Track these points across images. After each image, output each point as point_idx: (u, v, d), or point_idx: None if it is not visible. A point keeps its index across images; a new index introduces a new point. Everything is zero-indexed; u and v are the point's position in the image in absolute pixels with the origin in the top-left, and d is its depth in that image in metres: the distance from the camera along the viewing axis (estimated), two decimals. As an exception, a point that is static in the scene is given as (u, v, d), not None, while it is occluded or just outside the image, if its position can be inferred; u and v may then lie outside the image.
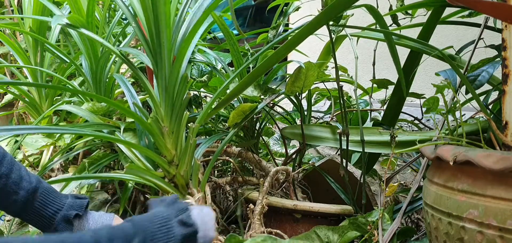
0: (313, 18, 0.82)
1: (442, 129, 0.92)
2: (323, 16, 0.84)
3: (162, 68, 0.90)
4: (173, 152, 0.93)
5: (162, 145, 0.92)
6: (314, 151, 1.65)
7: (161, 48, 0.89)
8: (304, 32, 0.83)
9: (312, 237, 0.91)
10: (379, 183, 1.13)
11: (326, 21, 0.96)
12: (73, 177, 1.06)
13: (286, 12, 1.20)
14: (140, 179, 0.94)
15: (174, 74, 0.92)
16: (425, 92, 1.29)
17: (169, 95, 0.92)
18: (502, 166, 0.57)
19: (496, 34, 0.91)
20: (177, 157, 0.94)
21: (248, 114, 1.10)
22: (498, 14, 0.69)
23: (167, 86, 0.91)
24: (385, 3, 1.24)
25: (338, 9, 0.86)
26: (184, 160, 0.93)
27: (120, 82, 1.09)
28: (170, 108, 0.93)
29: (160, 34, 0.88)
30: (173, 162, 0.93)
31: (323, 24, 0.96)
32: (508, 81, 0.70)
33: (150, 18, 0.86)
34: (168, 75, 0.91)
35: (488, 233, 0.58)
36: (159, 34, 0.88)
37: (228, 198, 1.41)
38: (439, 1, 0.96)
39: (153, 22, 0.87)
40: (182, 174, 0.93)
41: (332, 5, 0.80)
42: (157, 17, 0.86)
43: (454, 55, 1.09)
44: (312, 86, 1.10)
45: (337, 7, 0.82)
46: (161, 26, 0.87)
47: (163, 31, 0.88)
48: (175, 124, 0.93)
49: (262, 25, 3.57)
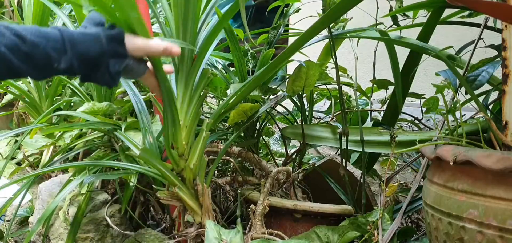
0: (315, 22, 0.83)
1: (442, 129, 0.92)
2: (325, 19, 0.84)
3: (183, 63, 0.92)
4: (185, 146, 0.94)
5: (176, 138, 0.93)
6: (314, 151, 1.65)
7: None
8: (306, 35, 0.84)
9: (312, 237, 0.91)
10: (379, 183, 1.13)
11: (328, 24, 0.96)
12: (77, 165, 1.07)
13: (286, 13, 1.20)
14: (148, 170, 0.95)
15: (195, 70, 0.94)
16: (425, 92, 1.29)
17: (188, 90, 0.94)
18: (502, 166, 0.57)
19: (496, 34, 0.91)
20: (187, 151, 0.95)
21: (250, 115, 1.11)
22: (498, 14, 0.70)
23: (187, 81, 0.93)
24: (385, 4, 1.24)
25: (339, 12, 0.87)
26: (195, 154, 0.95)
27: (122, 81, 1.09)
28: (188, 103, 0.94)
29: (186, 31, 0.90)
30: (183, 155, 0.94)
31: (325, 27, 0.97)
32: (508, 81, 0.70)
33: (180, 13, 0.88)
34: (188, 70, 0.94)
35: (488, 233, 0.58)
36: (186, 31, 0.90)
37: (228, 198, 1.41)
38: (439, 1, 0.96)
39: (182, 18, 0.89)
40: (192, 168, 0.95)
41: (334, 8, 0.81)
42: (187, 13, 0.88)
43: (454, 55, 1.09)
44: (314, 86, 1.10)
45: (338, 10, 0.83)
46: (189, 23, 0.89)
47: (189, 28, 0.90)
48: (190, 119, 0.95)
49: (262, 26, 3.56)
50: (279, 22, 1.18)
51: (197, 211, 0.96)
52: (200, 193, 0.96)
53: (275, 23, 1.19)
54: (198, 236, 0.97)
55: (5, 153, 1.69)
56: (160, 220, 1.30)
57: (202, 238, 0.96)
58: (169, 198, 0.96)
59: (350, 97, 1.58)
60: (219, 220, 1.13)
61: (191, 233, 0.96)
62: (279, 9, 1.23)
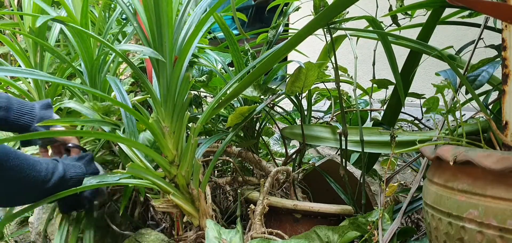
0: (312, 19, 0.82)
1: (442, 129, 0.92)
2: (322, 17, 0.84)
3: (164, 68, 0.90)
4: (174, 152, 0.93)
5: (163, 145, 0.92)
6: (314, 151, 1.65)
7: (163, 48, 0.89)
8: (303, 33, 0.83)
9: (312, 237, 0.91)
10: (379, 183, 1.13)
11: (325, 22, 0.96)
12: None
13: (286, 12, 1.20)
14: (140, 181, 0.94)
15: (176, 74, 0.92)
16: (425, 92, 1.29)
17: (171, 95, 0.92)
18: (502, 166, 0.57)
19: (496, 34, 0.91)
20: (178, 157, 0.94)
21: (247, 116, 1.10)
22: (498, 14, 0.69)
23: (168, 85, 0.91)
24: (385, 3, 1.24)
25: (336, 11, 0.86)
26: (185, 160, 0.94)
27: (113, 84, 1.08)
28: (172, 108, 0.93)
29: (162, 34, 0.88)
30: (174, 162, 0.93)
31: (322, 25, 0.96)
32: (508, 81, 0.70)
33: (152, 17, 0.86)
34: (169, 75, 0.91)
35: (488, 233, 0.58)
36: (161, 34, 0.88)
37: (228, 198, 1.41)
38: (439, 1, 0.96)
39: (155, 22, 0.87)
40: (183, 174, 0.93)
41: (331, 6, 0.81)
42: (159, 17, 0.86)
43: (454, 55, 1.09)
44: (312, 86, 1.10)
45: (335, 8, 0.82)
46: (163, 26, 0.87)
47: (165, 31, 0.88)
48: (176, 124, 0.94)
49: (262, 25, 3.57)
50: (278, 21, 1.18)
51: (194, 214, 0.96)
52: (195, 197, 0.95)
53: (274, 22, 1.19)
54: (198, 238, 0.97)
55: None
56: (159, 220, 1.30)
57: (202, 240, 0.96)
58: (165, 206, 0.95)
59: (350, 97, 1.58)
60: (219, 220, 1.13)
61: (190, 237, 0.96)
62: (279, 8, 1.23)
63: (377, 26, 0.98)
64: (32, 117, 1.01)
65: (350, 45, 1.05)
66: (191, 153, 0.94)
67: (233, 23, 3.00)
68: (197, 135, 0.95)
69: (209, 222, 0.87)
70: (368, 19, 0.98)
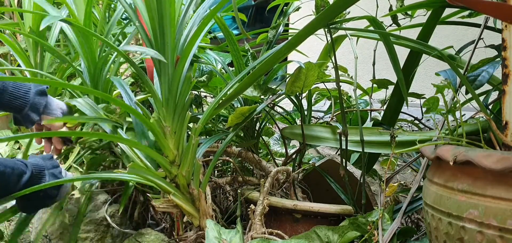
0: (312, 19, 0.82)
1: (442, 129, 0.92)
2: (323, 17, 0.84)
3: (166, 68, 0.90)
4: (175, 152, 0.93)
5: (164, 145, 0.92)
6: (314, 151, 1.65)
7: (165, 48, 0.89)
8: (303, 33, 0.83)
9: (312, 237, 0.91)
10: (379, 183, 1.13)
11: (326, 22, 0.96)
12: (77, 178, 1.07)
13: (286, 12, 1.20)
14: (141, 179, 0.94)
15: (178, 74, 0.92)
16: (425, 92, 1.29)
17: (172, 95, 0.92)
18: (502, 166, 0.57)
19: (496, 34, 0.91)
20: (178, 157, 0.94)
21: (247, 116, 1.10)
22: (498, 14, 0.69)
23: (170, 86, 0.91)
24: (385, 3, 1.24)
25: (337, 11, 0.86)
26: (186, 160, 0.94)
27: (118, 84, 1.09)
28: (173, 108, 0.93)
29: (165, 34, 0.88)
30: (175, 162, 0.93)
31: (323, 25, 0.96)
32: (508, 81, 0.70)
33: (155, 17, 0.86)
34: (171, 75, 0.91)
35: (488, 233, 0.58)
36: (164, 34, 0.88)
37: (228, 198, 1.41)
38: (439, 1, 0.96)
39: (157, 22, 0.87)
40: (184, 174, 0.93)
41: (331, 6, 0.81)
42: (162, 16, 0.86)
43: (454, 55, 1.09)
44: (312, 86, 1.10)
45: (336, 8, 0.82)
46: (166, 26, 0.87)
47: (167, 30, 0.88)
48: (177, 124, 0.94)
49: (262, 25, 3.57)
50: (279, 21, 1.18)
51: (194, 215, 0.96)
52: (196, 197, 0.95)
53: (274, 22, 1.19)
54: (198, 238, 0.97)
55: (5, 153, 1.69)
56: (160, 220, 1.30)
57: (202, 240, 0.96)
58: (165, 206, 0.95)
59: (350, 97, 1.58)
60: (219, 220, 1.14)
61: (190, 237, 0.96)
62: (279, 8, 1.23)
63: (378, 26, 0.98)
64: (25, 101, 1.06)
65: (350, 45, 1.05)
66: (192, 153, 0.94)
67: (232, 23, 3.00)
68: (198, 135, 0.95)
69: (209, 222, 0.87)
70: (369, 19, 0.98)
